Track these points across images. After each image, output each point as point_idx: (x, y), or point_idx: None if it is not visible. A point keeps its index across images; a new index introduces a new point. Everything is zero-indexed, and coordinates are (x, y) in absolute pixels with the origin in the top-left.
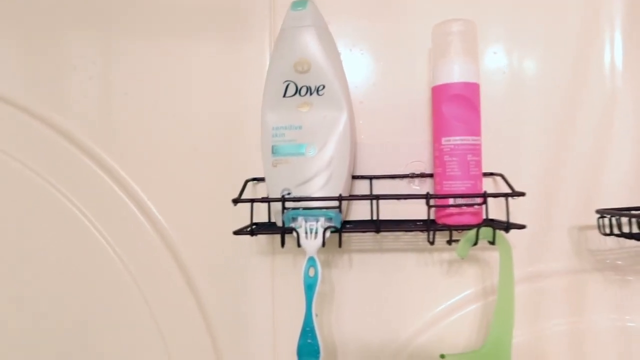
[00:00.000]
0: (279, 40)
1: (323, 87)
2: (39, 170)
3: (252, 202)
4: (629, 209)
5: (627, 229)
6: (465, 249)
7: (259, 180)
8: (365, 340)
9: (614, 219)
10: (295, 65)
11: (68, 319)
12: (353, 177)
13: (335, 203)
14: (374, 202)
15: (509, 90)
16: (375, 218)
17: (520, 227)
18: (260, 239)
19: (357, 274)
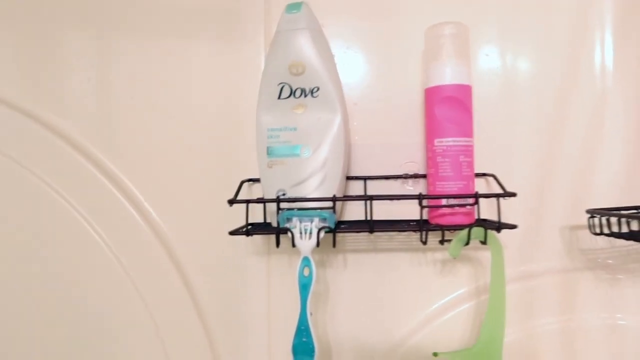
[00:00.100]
0: (274, 43)
1: (317, 89)
2: (36, 171)
3: (247, 202)
4: (619, 209)
5: (617, 229)
6: (457, 249)
7: (255, 181)
8: (360, 339)
9: (604, 219)
10: (290, 68)
11: (64, 319)
12: (347, 178)
13: (330, 204)
14: (368, 202)
15: (502, 92)
16: (369, 218)
17: (512, 227)
18: (256, 239)
19: (351, 274)
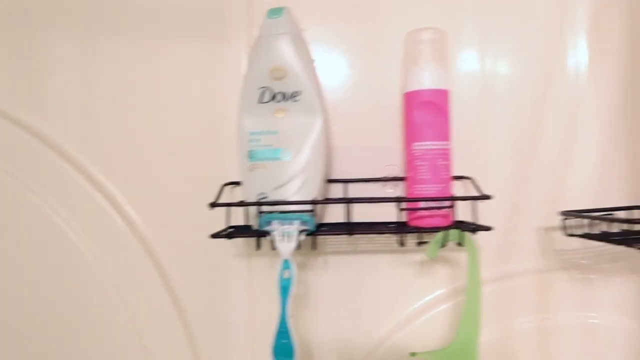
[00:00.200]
0: (255, 48)
1: (298, 93)
2: (15, 173)
3: (228, 206)
4: (592, 211)
5: (589, 230)
6: (435, 250)
7: (236, 184)
8: (341, 340)
9: (577, 221)
10: (271, 72)
11: (45, 324)
12: (328, 181)
13: (310, 206)
14: (348, 205)
15: (479, 96)
16: (349, 221)
17: (487, 228)
18: (237, 242)
19: (332, 276)
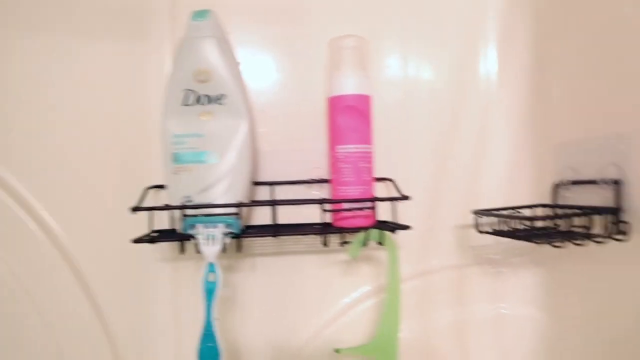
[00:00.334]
0: (179, 50)
1: (223, 96)
2: None
3: (151, 210)
4: (501, 209)
5: (499, 227)
6: (356, 250)
7: (161, 188)
8: (269, 341)
9: (488, 218)
10: (195, 75)
11: None
12: (255, 183)
13: (235, 209)
14: (273, 208)
15: (400, 102)
16: (275, 223)
17: (405, 227)
18: (163, 247)
19: (259, 277)
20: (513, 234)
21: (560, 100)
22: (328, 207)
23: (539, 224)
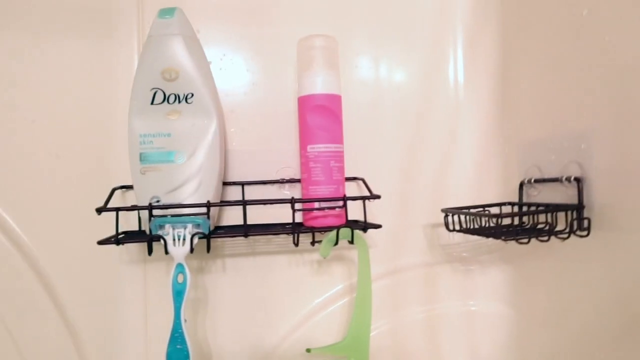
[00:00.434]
0: (146, 48)
1: (192, 95)
2: None
3: (117, 210)
4: (470, 208)
5: (467, 225)
6: (327, 249)
7: (128, 188)
8: (241, 342)
9: (456, 216)
10: (163, 73)
11: None
12: (225, 183)
13: (204, 209)
14: (244, 207)
15: (370, 101)
16: (246, 223)
17: (376, 226)
18: (131, 249)
19: (230, 278)
20: (481, 232)
21: (525, 102)
22: (299, 206)
23: (506, 222)
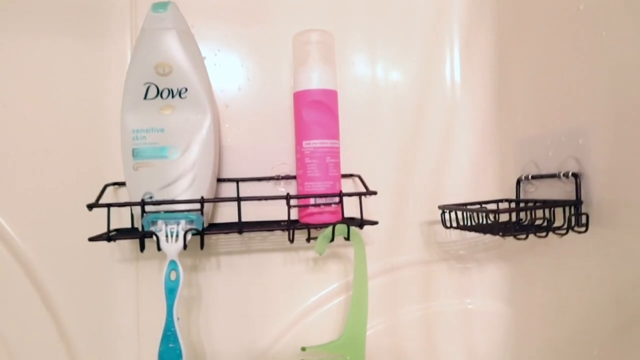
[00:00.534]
0: (139, 42)
1: (186, 90)
2: None
3: (108, 206)
4: (467, 204)
5: (464, 222)
6: (323, 246)
7: (120, 185)
8: (235, 341)
9: (454, 213)
10: (156, 67)
11: None
12: (219, 180)
13: (197, 206)
14: (238, 204)
15: (367, 98)
16: (240, 220)
17: (373, 223)
18: (123, 246)
19: (225, 276)
20: (479, 228)
21: (522, 98)
22: (294, 202)
23: (503, 219)
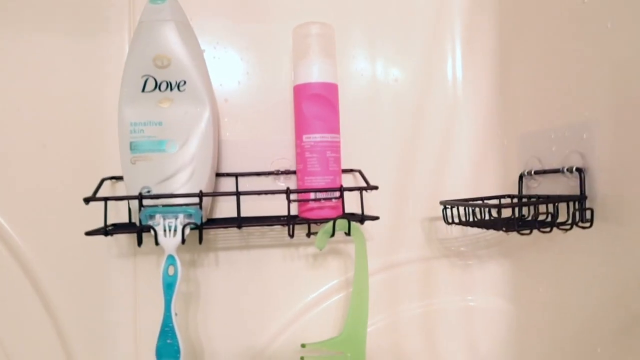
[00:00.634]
0: (137, 34)
1: (184, 82)
2: None
3: (105, 200)
4: (468, 200)
5: (466, 218)
6: (323, 241)
7: (118, 179)
8: (234, 337)
9: (455, 209)
10: (155, 60)
11: None
12: (218, 174)
13: (196, 200)
14: (237, 198)
15: (367, 93)
16: (239, 214)
17: (374, 218)
18: (121, 241)
19: (223, 272)
20: (481, 224)
21: (525, 93)
22: (294, 197)
23: (506, 214)
